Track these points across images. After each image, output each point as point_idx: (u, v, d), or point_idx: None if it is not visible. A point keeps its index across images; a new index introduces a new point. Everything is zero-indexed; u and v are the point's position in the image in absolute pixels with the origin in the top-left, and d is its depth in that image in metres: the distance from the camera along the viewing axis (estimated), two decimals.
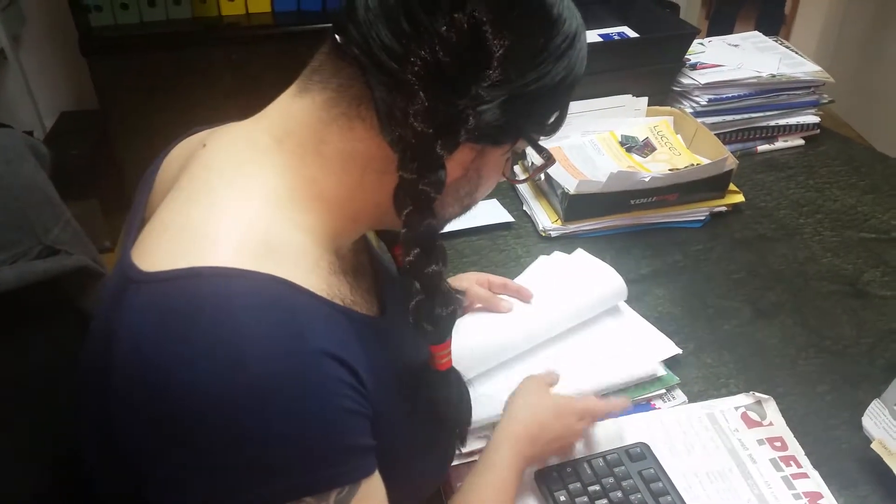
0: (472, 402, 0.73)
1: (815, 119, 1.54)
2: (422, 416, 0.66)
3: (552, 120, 0.63)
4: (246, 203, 0.55)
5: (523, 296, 0.99)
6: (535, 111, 0.60)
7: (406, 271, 0.58)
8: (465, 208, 0.66)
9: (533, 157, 1.31)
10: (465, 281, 1.00)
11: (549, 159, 0.71)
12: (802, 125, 1.54)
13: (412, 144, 0.54)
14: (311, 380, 0.50)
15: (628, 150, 1.38)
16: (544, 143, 0.67)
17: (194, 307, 0.49)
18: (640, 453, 0.83)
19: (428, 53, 0.53)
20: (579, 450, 0.86)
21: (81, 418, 0.59)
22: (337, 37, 0.57)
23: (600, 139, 1.39)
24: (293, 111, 0.59)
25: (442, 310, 0.60)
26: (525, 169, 1.38)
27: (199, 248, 0.52)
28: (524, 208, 1.33)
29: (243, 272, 0.51)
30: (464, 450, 0.84)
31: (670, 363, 0.99)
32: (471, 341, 0.91)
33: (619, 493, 0.80)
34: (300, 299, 0.52)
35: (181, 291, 0.50)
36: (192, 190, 0.57)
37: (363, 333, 0.58)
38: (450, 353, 0.66)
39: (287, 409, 0.48)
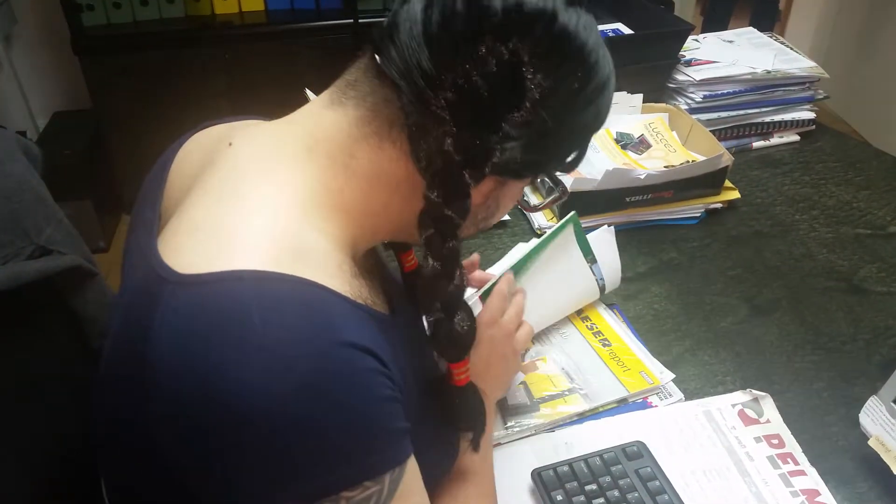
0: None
1: (811, 115, 1.55)
2: (431, 412, 0.67)
3: (571, 159, 0.65)
4: (277, 208, 0.55)
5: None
6: (560, 152, 0.63)
7: (426, 292, 0.60)
8: (480, 230, 0.69)
9: None
10: None
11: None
12: (798, 121, 1.54)
13: (440, 172, 0.55)
14: (353, 374, 0.51)
15: (623, 147, 1.38)
16: None
17: (242, 310, 0.49)
18: (637, 452, 0.83)
19: (465, 85, 0.54)
20: (580, 443, 0.86)
21: (102, 427, 0.59)
22: (377, 57, 0.57)
23: (595, 136, 1.39)
24: (325, 122, 0.59)
25: (461, 328, 0.61)
26: (535, 189, 1.38)
27: (236, 252, 0.52)
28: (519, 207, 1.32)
29: (282, 276, 0.51)
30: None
31: (670, 362, 0.99)
32: None
33: (616, 492, 0.79)
34: (332, 300, 0.53)
35: (225, 294, 0.50)
36: (222, 190, 0.57)
37: (382, 329, 0.59)
38: (468, 369, 0.67)
39: (336, 404, 0.49)
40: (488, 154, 0.56)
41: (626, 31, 1.57)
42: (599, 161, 1.33)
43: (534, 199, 1.27)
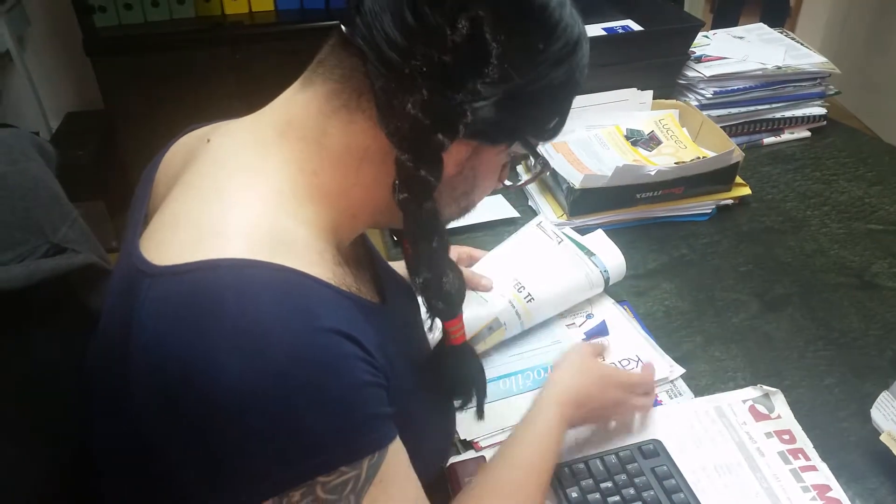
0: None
1: (822, 111, 1.54)
2: (426, 395, 0.68)
3: (551, 125, 0.64)
4: (252, 197, 0.56)
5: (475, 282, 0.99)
6: (533, 114, 0.61)
7: (410, 254, 0.61)
8: (463, 210, 0.68)
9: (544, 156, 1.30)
10: None
11: (544, 166, 0.71)
12: (809, 117, 1.54)
13: (409, 134, 0.56)
14: (330, 359, 0.51)
15: (633, 143, 1.38)
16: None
17: (216, 298, 0.50)
18: (654, 450, 0.83)
19: (429, 47, 0.54)
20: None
21: (96, 420, 0.60)
22: (343, 28, 0.58)
23: (605, 133, 1.39)
24: (296, 105, 0.60)
25: (450, 285, 0.62)
26: (528, 169, 1.38)
27: (213, 242, 0.53)
28: (529, 203, 1.33)
29: (258, 263, 0.52)
30: (467, 437, 0.85)
31: (681, 358, 0.99)
32: None
33: (632, 490, 0.79)
34: (312, 286, 0.54)
35: (201, 283, 0.51)
36: (199, 185, 0.58)
37: (369, 317, 0.59)
38: (462, 327, 0.68)
39: (312, 389, 0.50)
40: (456, 115, 0.56)
41: (636, 27, 1.56)
42: (609, 158, 1.33)
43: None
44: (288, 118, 0.60)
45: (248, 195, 0.56)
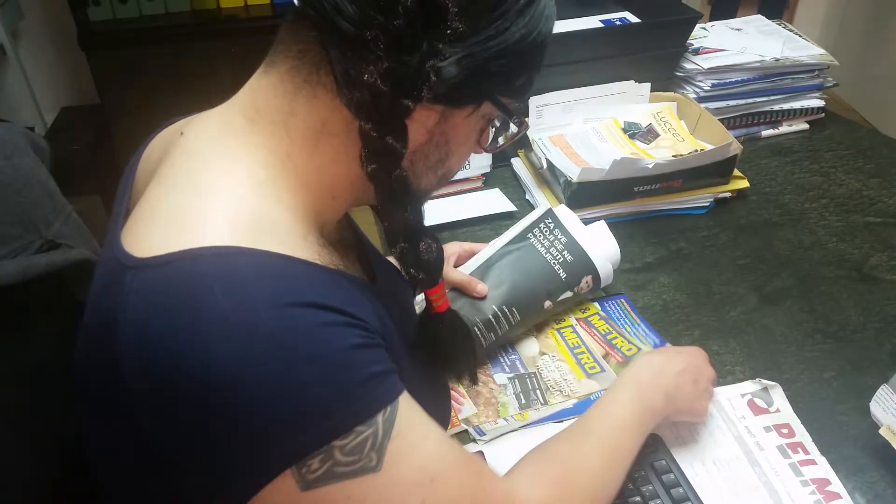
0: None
1: (820, 103, 1.53)
2: (419, 374, 0.67)
3: (519, 82, 0.62)
4: (230, 185, 0.56)
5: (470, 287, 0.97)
6: (497, 71, 0.59)
7: (385, 226, 0.60)
8: (441, 178, 0.67)
9: (541, 150, 1.30)
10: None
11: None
12: (807, 109, 1.53)
13: (370, 103, 0.54)
14: (314, 328, 0.51)
15: (631, 136, 1.37)
16: (550, 131, 0.67)
17: (200, 286, 0.50)
18: (652, 445, 0.83)
19: (380, 11, 0.53)
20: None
21: (87, 419, 0.59)
22: (295, 1, 0.57)
23: (603, 126, 1.39)
24: (261, 87, 0.60)
25: (427, 254, 0.62)
26: (535, 161, 1.37)
27: (193, 231, 0.52)
28: (527, 197, 1.32)
29: (240, 249, 0.52)
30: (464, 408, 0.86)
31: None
32: None
33: (630, 485, 0.79)
34: (296, 267, 0.54)
35: (184, 272, 0.50)
36: (174, 176, 0.58)
37: (360, 292, 0.60)
38: (444, 293, 0.68)
39: (306, 358, 0.50)
40: (415, 79, 0.54)
41: (634, 19, 1.55)
42: (607, 151, 1.33)
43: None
44: (255, 103, 0.59)
45: (225, 183, 0.56)
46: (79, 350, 0.59)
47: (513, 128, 0.68)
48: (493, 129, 0.67)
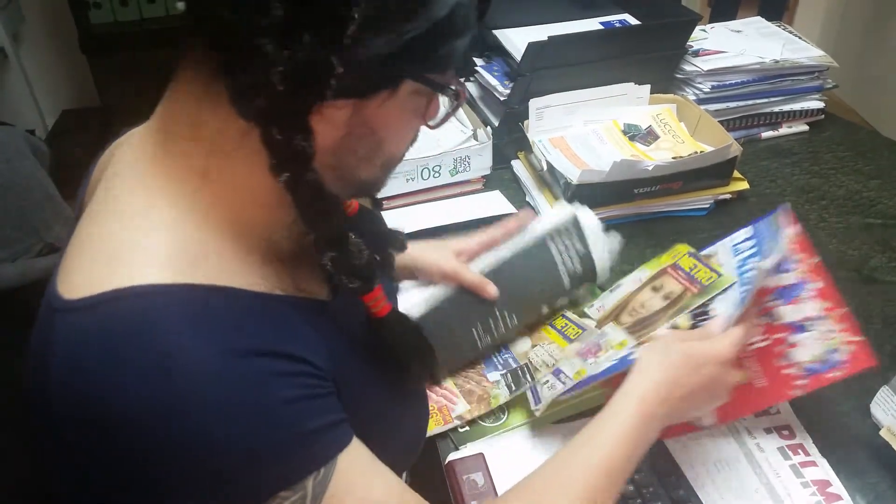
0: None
1: (820, 104, 1.53)
2: (388, 384, 0.65)
3: (440, 53, 0.54)
4: (153, 213, 0.53)
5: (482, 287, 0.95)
6: (401, 53, 0.52)
7: (313, 237, 0.56)
8: (386, 166, 0.62)
9: (541, 152, 1.30)
10: (436, 257, 0.96)
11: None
12: (806, 111, 1.53)
13: (267, 108, 0.50)
14: (244, 381, 0.49)
15: (631, 138, 1.37)
16: (550, 133, 0.64)
17: (118, 334, 0.48)
18: (653, 447, 0.83)
19: (257, 9, 0.48)
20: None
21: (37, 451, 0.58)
22: (178, 4, 0.53)
23: (603, 128, 1.39)
24: (171, 103, 0.56)
25: (358, 259, 0.57)
26: (535, 163, 1.37)
27: (117, 269, 0.50)
28: (527, 199, 1.32)
29: (165, 288, 0.50)
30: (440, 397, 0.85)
31: None
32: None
33: (631, 487, 0.79)
34: (228, 305, 0.52)
35: (104, 319, 0.49)
36: (103, 204, 0.56)
37: (310, 318, 0.57)
38: (383, 297, 0.63)
39: (227, 415, 0.48)
40: (309, 75, 0.49)
41: (633, 21, 1.56)
42: (607, 153, 1.33)
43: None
44: (166, 120, 0.56)
45: (148, 212, 0.53)
46: (24, 379, 0.57)
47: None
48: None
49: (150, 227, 0.52)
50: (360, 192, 0.66)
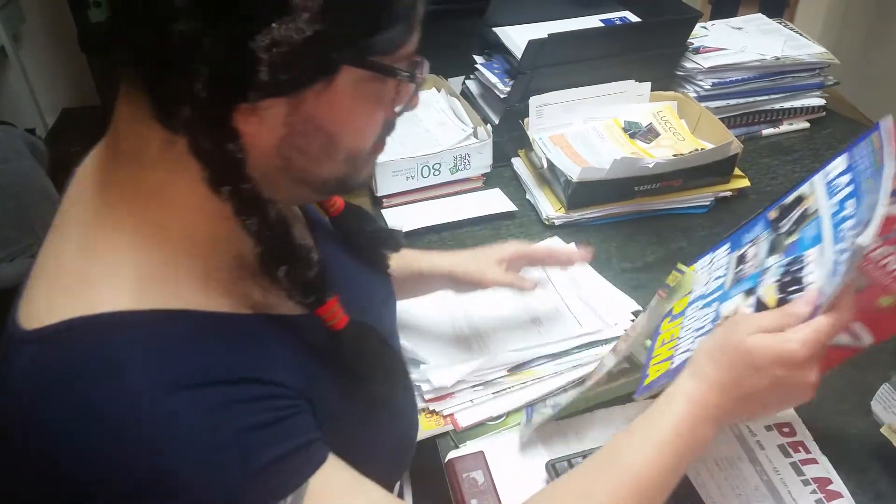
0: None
1: (821, 101, 1.53)
2: (363, 392, 0.63)
3: (379, 36, 0.50)
4: (110, 237, 0.52)
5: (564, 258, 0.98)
6: (326, 41, 0.48)
7: (260, 252, 0.53)
8: (352, 162, 0.57)
9: (542, 150, 1.30)
10: (481, 268, 0.95)
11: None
12: (807, 108, 1.53)
13: (189, 117, 0.48)
14: (201, 416, 0.48)
15: (632, 136, 1.37)
16: (551, 131, 0.62)
17: (70, 373, 0.47)
18: None
19: (156, 17, 0.46)
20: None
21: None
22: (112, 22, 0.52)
23: (603, 126, 1.38)
24: (116, 122, 0.54)
25: (308, 273, 0.55)
26: (535, 161, 1.37)
27: (75, 297, 0.49)
28: (527, 197, 1.32)
29: (122, 316, 0.49)
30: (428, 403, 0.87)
31: None
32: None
33: None
34: (187, 332, 0.50)
35: (57, 352, 0.48)
36: (62, 227, 0.55)
37: (280, 335, 0.56)
38: (339, 309, 0.59)
39: (184, 452, 0.47)
40: (225, 78, 0.46)
41: (634, 18, 1.55)
42: (607, 150, 1.32)
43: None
44: (115, 139, 0.54)
45: (106, 236, 0.52)
46: None
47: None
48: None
49: (107, 252, 0.51)
50: (331, 191, 0.65)
